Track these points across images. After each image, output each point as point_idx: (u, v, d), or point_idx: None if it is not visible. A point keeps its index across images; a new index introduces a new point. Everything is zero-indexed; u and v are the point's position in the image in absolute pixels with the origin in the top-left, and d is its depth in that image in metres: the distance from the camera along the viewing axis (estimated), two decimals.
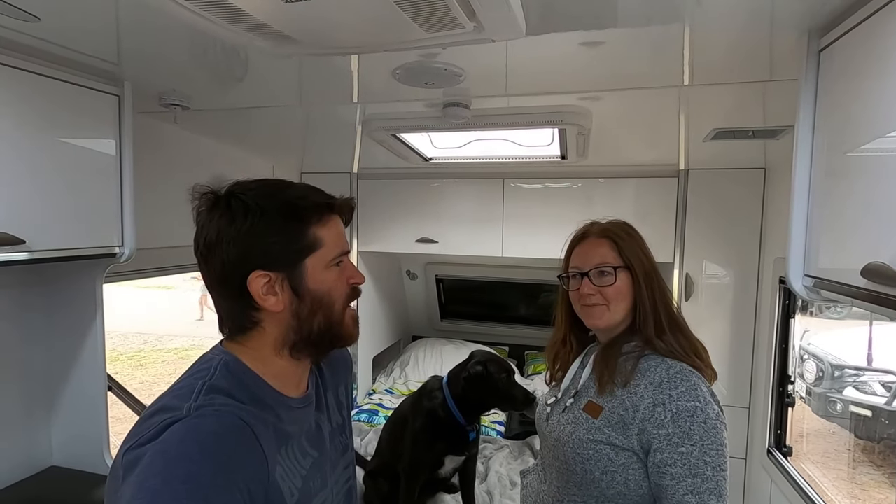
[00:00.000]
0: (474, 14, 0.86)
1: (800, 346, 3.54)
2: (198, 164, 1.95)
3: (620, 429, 0.95)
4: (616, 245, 1.05)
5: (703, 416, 0.90)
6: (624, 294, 1.03)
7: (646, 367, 0.98)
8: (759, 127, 1.59)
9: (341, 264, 0.77)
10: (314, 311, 0.74)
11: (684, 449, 0.88)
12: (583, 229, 1.11)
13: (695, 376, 0.95)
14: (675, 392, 0.92)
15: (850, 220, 0.84)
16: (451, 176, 2.54)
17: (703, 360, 1.02)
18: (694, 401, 0.91)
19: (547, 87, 1.33)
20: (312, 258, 0.73)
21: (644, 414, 0.93)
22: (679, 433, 0.89)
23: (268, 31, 0.94)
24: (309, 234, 0.73)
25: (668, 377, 0.94)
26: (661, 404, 0.92)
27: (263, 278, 0.70)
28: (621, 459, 0.94)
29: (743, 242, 2.17)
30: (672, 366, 0.97)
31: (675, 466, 0.88)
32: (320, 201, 0.75)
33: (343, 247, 0.77)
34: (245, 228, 0.69)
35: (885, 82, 0.76)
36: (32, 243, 1.11)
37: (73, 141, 1.23)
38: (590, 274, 1.04)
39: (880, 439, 3.59)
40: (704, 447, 0.88)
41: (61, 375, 1.50)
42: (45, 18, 0.97)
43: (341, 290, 0.76)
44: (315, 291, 0.73)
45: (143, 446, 0.60)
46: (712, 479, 0.87)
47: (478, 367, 1.78)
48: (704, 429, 0.89)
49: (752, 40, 1.02)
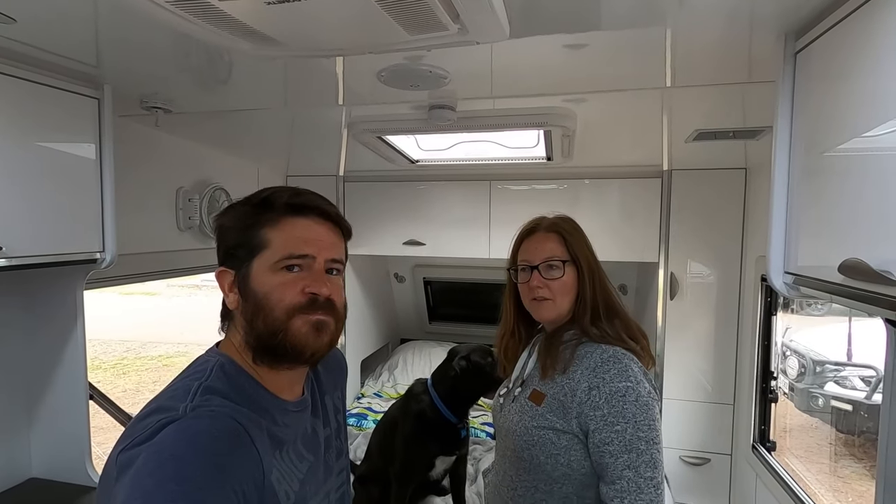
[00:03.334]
0: (458, 16, 0.86)
1: (782, 342, 3.60)
2: (181, 168, 1.93)
3: (561, 413, 1.00)
4: (564, 240, 1.09)
5: (635, 395, 0.96)
6: (569, 288, 1.08)
7: (583, 353, 1.03)
8: (739, 128, 1.62)
9: (296, 269, 0.71)
10: (255, 314, 0.71)
11: (619, 427, 0.94)
12: (531, 224, 1.15)
13: (626, 358, 1.01)
14: (608, 374, 0.98)
15: (828, 218, 0.86)
16: (437, 178, 2.54)
17: (640, 343, 1.07)
18: (625, 381, 0.97)
19: (531, 89, 1.34)
20: (259, 259, 0.72)
21: (581, 398, 0.98)
22: (613, 413, 0.95)
23: (250, 33, 0.93)
24: (258, 234, 0.72)
25: (601, 361, 1.00)
26: (596, 387, 0.97)
27: (227, 275, 0.74)
28: (563, 442, 0.99)
29: (726, 241, 2.21)
30: (605, 350, 1.02)
31: (613, 444, 0.94)
32: (274, 201, 0.73)
33: (295, 251, 0.71)
34: (218, 225, 0.76)
35: (859, 83, 0.78)
36: (10, 249, 1.09)
37: (51, 145, 1.21)
38: (539, 267, 1.08)
39: (860, 433, 3.67)
40: (637, 424, 0.94)
41: (41, 385, 1.46)
42: (22, 20, 0.95)
43: (284, 294, 0.70)
44: (255, 293, 0.71)
45: (137, 447, 0.60)
46: (647, 453, 0.93)
47: (462, 363, 1.78)
48: (636, 406, 0.95)
49: (731, 42, 1.04)
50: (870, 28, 0.76)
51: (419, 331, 3.68)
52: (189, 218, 1.92)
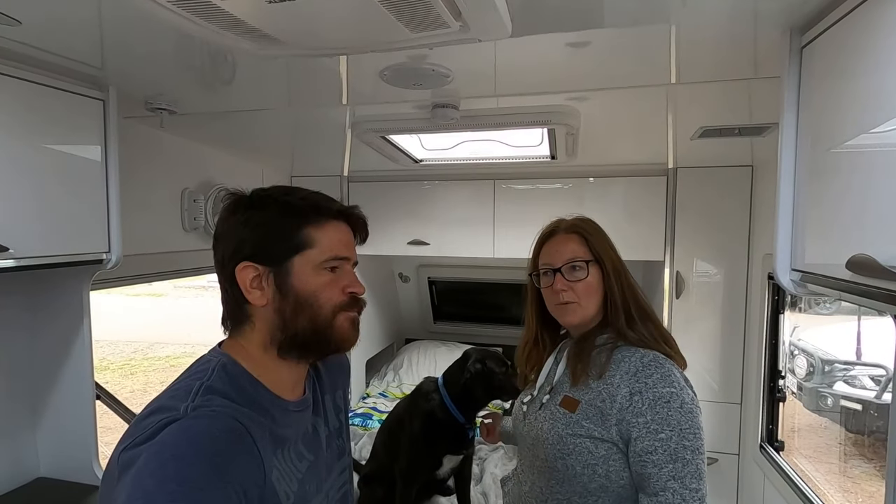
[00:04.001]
0: (460, 14, 0.86)
1: (790, 341, 3.58)
2: (186, 169, 1.94)
3: (598, 420, 0.95)
4: (585, 240, 1.06)
5: (679, 402, 0.91)
6: (595, 289, 1.04)
7: (619, 357, 0.99)
8: (745, 125, 1.61)
9: (337, 270, 0.76)
10: (297, 312, 0.73)
11: (664, 435, 0.89)
12: (551, 226, 1.12)
13: (668, 363, 0.97)
14: (651, 380, 0.93)
15: (835, 214, 0.85)
16: (441, 177, 2.54)
17: (672, 347, 1.03)
18: (669, 387, 0.92)
19: (535, 88, 1.33)
20: (301, 257, 0.73)
21: (622, 403, 0.93)
22: (657, 420, 0.90)
23: (253, 33, 0.93)
24: (301, 233, 0.73)
25: (642, 365, 0.95)
26: (638, 392, 0.92)
27: (251, 270, 0.72)
28: (601, 451, 0.94)
29: (732, 239, 2.19)
30: (645, 354, 0.98)
31: (656, 453, 0.89)
32: (322, 204, 0.76)
33: (338, 252, 0.76)
34: (242, 219, 0.73)
35: (865, 78, 0.77)
36: (17, 250, 1.10)
37: (57, 147, 1.22)
38: (562, 269, 1.04)
39: (870, 432, 3.63)
40: (683, 432, 0.89)
41: (48, 385, 1.48)
42: (27, 22, 0.95)
43: (330, 295, 0.75)
44: (299, 291, 0.73)
45: (138, 446, 0.60)
46: (692, 463, 0.89)
47: (477, 366, 1.78)
48: (681, 413, 0.90)
49: (736, 38, 1.03)
50: (876, 22, 0.75)
51: (424, 331, 3.69)
52: (194, 219, 1.93)
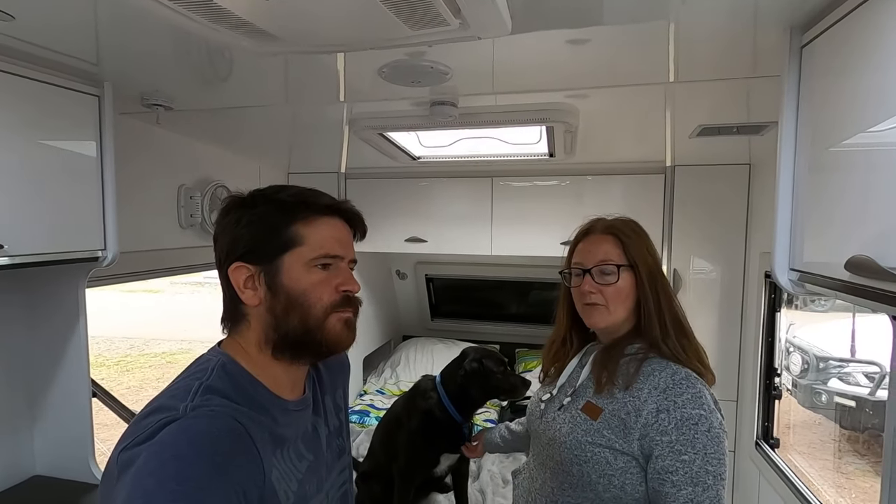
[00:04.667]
0: (459, 11, 0.85)
1: (785, 338, 3.60)
2: (182, 166, 1.92)
3: (621, 432, 0.92)
4: (621, 242, 1.02)
5: (707, 425, 0.89)
6: (625, 295, 1.00)
7: (649, 370, 0.96)
8: (743, 123, 1.61)
9: (329, 268, 0.74)
10: (288, 311, 0.72)
11: (687, 457, 0.87)
12: (588, 225, 1.09)
13: (700, 383, 0.94)
14: (681, 399, 0.90)
15: (834, 214, 0.85)
16: (439, 175, 2.54)
17: (705, 364, 1.00)
18: (699, 409, 0.89)
19: (534, 85, 1.33)
20: (290, 255, 0.72)
21: (647, 419, 0.91)
22: (682, 440, 0.88)
23: (250, 29, 0.92)
24: (290, 230, 0.72)
25: (673, 383, 0.92)
26: (666, 410, 0.90)
27: (244, 270, 0.72)
28: (620, 463, 0.92)
29: (729, 237, 2.20)
30: (677, 371, 0.94)
31: (677, 474, 0.87)
32: (311, 200, 0.74)
33: (329, 250, 0.74)
34: (234, 219, 0.73)
35: (866, 78, 0.77)
36: (12, 248, 1.09)
37: (52, 143, 1.20)
38: (592, 271, 1.01)
39: (864, 429, 3.66)
40: (707, 456, 0.87)
41: (44, 382, 1.47)
42: (21, 17, 0.94)
43: (322, 293, 0.73)
44: (290, 290, 0.72)
45: (138, 446, 0.60)
46: (713, 489, 0.87)
47: (474, 364, 1.78)
48: (708, 437, 0.88)
49: (735, 36, 1.03)
50: (877, 22, 0.75)
51: (421, 328, 3.69)
52: (191, 215, 1.91)
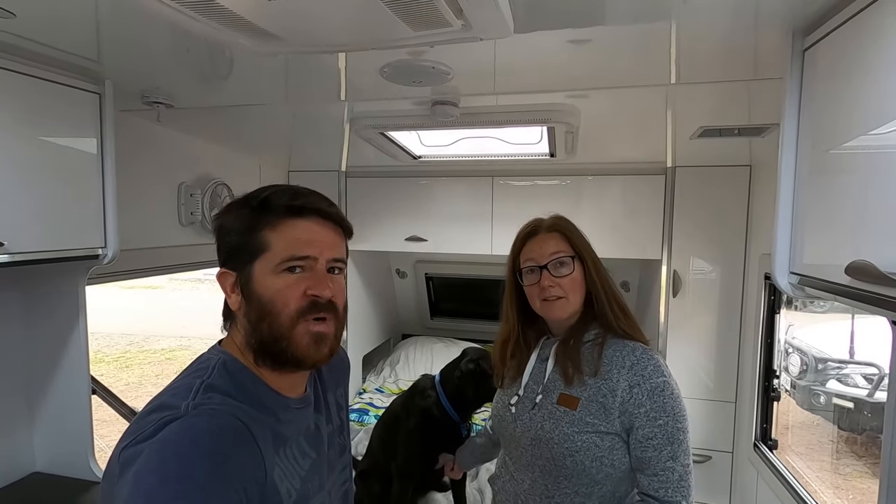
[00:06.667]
0: (462, 12, 0.85)
1: (784, 340, 3.61)
2: (183, 164, 1.92)
3: (602, 415, 1.00)
4: (566, 237, 1.10)
5: (671, 390, 1.00)
6: (579, 284, 1.08)
7: (611, 353, 1.04)
8: (744, 125, 1.61)
9: (300, 271, 0.71)
10: (260, 318, 0.71)
11: (661, 421, 0.98)
12: (531, 226, 1.15)
13: (654, 353, 1.04)
14: (646, 371, 1.00)
15: (835, 217, 0.85)
16: (440, 174, 2.54)
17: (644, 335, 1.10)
18: (661, 376, 1.00)
19: (535, 86, 1.33)
20: (260, 261, 0.71)
21: (623, 396, 1.00)
22: (655, 408, 0.98)
23: (252, 29, 0.92)
24: (258, 237, 0.71)
25: (636, 359, 1.02)
26: (637, 385, 1.00)
27: (228, 276, 0.73)
28: (606, 443, 1.00)
29: (729, 239, 2.20)
30: (635, 347, 1.04)
31: (656, 438, 0.98)
32: (274, 202, 0.72)
33: (296, 252, 0.70)
34: (218, 225, 0.75)
35: (868, 81, 0.77)
36: (12, 245, 1.09)
37: (52, 140, 1.20)
38: (548, 266, 1.07)
39: (862, 430, 3.66)
40: (676, 416, 0.99)
41: (44, 379, 1.47)
42: (22, 14, 0.94)
43: (288, 299, 0.70)
44: (260, 296, 0.71)
45: (139, 444, 0.60)
46: (684, 442, 0.99)
47: (470, 365, 1.78)
48: (673, 399, 0.99)
49: (737, 39, 1.03)
50: (879, 26, 0.75)
51: (421, 326, 3.69)
52: (191, 213, 1.91)
